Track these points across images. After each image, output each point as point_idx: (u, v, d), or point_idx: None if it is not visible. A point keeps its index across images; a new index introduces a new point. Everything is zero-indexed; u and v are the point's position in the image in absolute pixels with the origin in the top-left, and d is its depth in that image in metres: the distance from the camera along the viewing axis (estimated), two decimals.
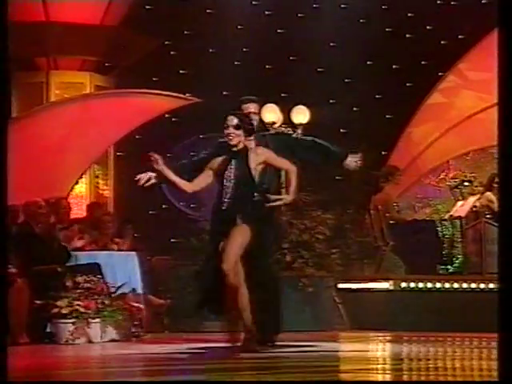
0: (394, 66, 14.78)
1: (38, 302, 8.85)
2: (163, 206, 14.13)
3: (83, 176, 13.11)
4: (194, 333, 10.17)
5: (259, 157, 7.35)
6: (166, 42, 14.03)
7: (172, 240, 12.84)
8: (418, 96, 13.91)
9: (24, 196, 9.95)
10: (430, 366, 6.23)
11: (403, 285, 10.34)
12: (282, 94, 13.21)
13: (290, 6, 13.96)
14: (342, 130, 14.24)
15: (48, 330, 8.90)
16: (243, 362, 6.45)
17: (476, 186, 12.30)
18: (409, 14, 14.78)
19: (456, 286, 10.29)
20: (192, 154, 14.24)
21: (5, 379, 4.37)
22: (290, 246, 10.70)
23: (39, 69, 13.67)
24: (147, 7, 13.86)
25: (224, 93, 14.11)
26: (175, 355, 7.22)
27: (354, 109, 14.62)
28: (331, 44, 13.51)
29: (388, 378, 5.54)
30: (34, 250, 9.28)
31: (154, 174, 7.58)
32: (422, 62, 14.68)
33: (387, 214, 11.27)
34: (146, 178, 7.63)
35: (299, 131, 11.82)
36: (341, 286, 10.69)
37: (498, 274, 4.66)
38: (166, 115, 13.40)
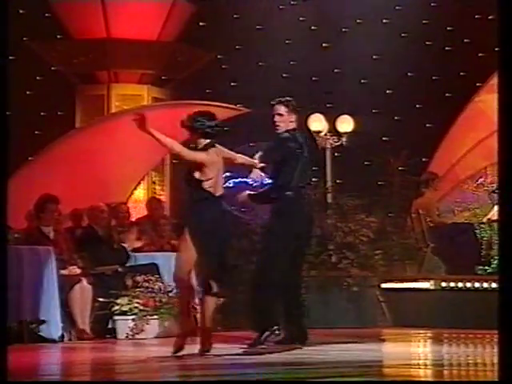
0: (433, 77, 14.70)
1: (100, 299, 8.94)
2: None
3: (141, 182, 13.21)
4: (244, 330, 10.19)
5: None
6: (219, 56, 14.10)
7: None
8: (457, 106, 13.82)
9: (88, 201, 10.07)
10: (470, 362, 6.19)
11: (443, 284, 10.27)
12: (328, 105, 13.20)
13: (334, 21, 13.95)
14: (384, 138, 14.19)
15: (109, 326, 8.98)
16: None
17: None
18: (448, 28, 14.70)
19: (494, 285, 10.21)
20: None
21: (5, 379, 4.28)
22: (335, 247, 10.68)
23: (100, 82, 13.81)
24: (201, 23, 13.94)
25: (272, 103, 14.13)
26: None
27: (396, 118, 14.56)
28: (374, 57, 13.48)
29: (428, 373, 5.51)
30: (97, 252, 9.38)
31: None
32: (461, 74, 14.59)
33: (428, 218, 11.19)
34: None
35: (344, 139, 11.81)
36: (384, 285, 10.64)
37: (498, 274, 4.59)
38: None
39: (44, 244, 8.73)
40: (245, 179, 14.19)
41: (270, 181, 7.63)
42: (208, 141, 7.19)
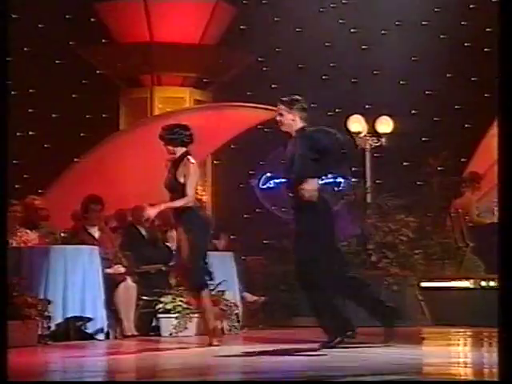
0: (472, 79, 14.58)
1: (144, 298, 8.97)
2: (256, 210, 14.20)
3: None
4: (285, 328, 10.19)
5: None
6: (260, 59, 14.11)
7: (264, 241, 12.89)
8: (496, 106, 13.69)
9: (132, 201, 10.12)
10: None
11: (483, 283, 10.17)
12: (367, 106, 13.15)
13: (374, 23, 13.89)
14: (423, 139, 14.11)
15: (153, 324, 9.01)
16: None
17: None
18: (486, 29, 14.58)
19: None
20: (282, 162, 14.37)
21: (5, 379, 4.26)
22: (375, 246, 10.64)
23: (144, 85, 13.90)
24: (242, 27, 13.96)
25: (312, 105, 14.09)
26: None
27: (435, 119, 14.46)
28: (413, 58, 13.40)
29: (468, 371, 5.46)
30: (141, 251, 9.42)
31: None
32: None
33: (467, 217, 11.10)
34: None
35: (383, 140, 11.76)
36: (423, 284, 10.57)
37: (498, 274, 4.53)
38: (259, 126, 13.46)
39: (90, 243, 8.79)
40: (285, 179, 14.21)
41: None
42: (184, 149, 7.49)
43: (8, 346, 4.55)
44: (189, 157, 7.46)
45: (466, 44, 14.59)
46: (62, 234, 9.10)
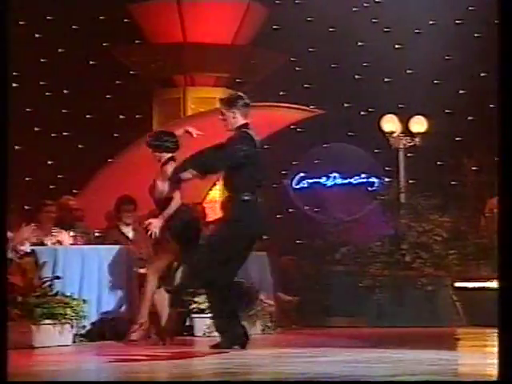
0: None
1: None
2: (289, 210, 14.18)
3: (216, 183, 13.27)
4: (319, 328, 10.17)
5: None
6: (292, 59, 14.08)
7: (297, 241, 12.87)
8: None
9: None
10: None
11: None
12: (400, 105, 13.08)
13: (407, 22, 13.81)
14: (457, 139, 14.00)
15: (187, 323, 9.01)
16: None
17: None
18: None
19: None
20: (316, 162, 14.36)
21: (5, 379, 4.26)
22: (409, 247, 10.59)
23: (177, 85, 13.92)
24: (275, 27, 13.94)
25: (345, 105, 14.07)
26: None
27: (469, 118, 14.35)
28: (446, 57, 13.31)
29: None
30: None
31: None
32: None
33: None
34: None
35: (417, 140, 11.68)
36: (458, 284, 10.50)
37: (498, 274, 4.48)
38: (292, 126, 13.44)
39: (123, 243, 8.82)
40: (318, 179, 14.19)
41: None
42: (170, 155, 7.71)
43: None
44: (172, 162, 7.63)
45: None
46: (96, 234, 9.14)
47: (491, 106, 14.44)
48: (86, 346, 7.65)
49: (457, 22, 14.22)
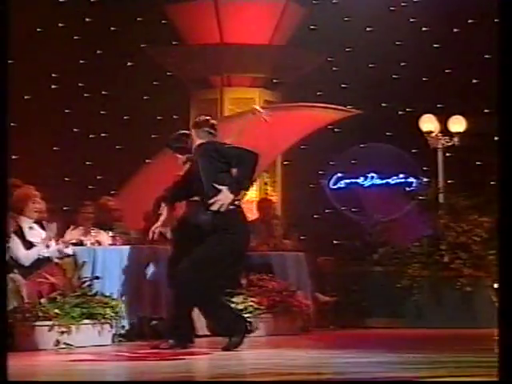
0: None
1: None
2: (326, 211, 14.14)
3: (253, 183, 13.27)
4: (356, 328, 10.14)
5: None
6: (329, 59, 14.04)
7: (335, 242, 12.83)
8: None
9: None
10: None
11: None
12: (439, 105, 12.98)
13: (445, 21, 13.70)
14: (497, 138, 13.84)
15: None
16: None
17: None
18: None
19: None
20: (353, 162, 14.30)
21: (5, 379, 4.27)
22: (447, 247, 10.52)
23: (214, 86, 13.93)
24: (312, 27, 13.91)
25: (383, 104, 14.00)
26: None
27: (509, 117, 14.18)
28: (486, 56, 13.19)
29: None
30: None
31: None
32: None
33: None
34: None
35: (456, 139, 11.59)
36: (497, 285, 10.39)
37: (498, 274, 4.44)
38: (329, 126, 13.39)
39: (162, 243, 8.84)
40: (356, 180, 14.14)
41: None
42: (188, 155, 7.71)
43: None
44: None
45: None
46: (135, 235, 9.18)
47: None
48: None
49: (496, 20, 14.08)
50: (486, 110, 13.64)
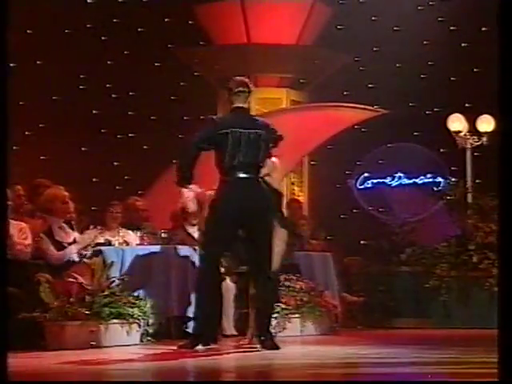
0: None
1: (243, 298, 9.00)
2: (353, 211, 14.12)
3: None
4: (384, 329, 10.11)
5: None
6: (356, 59, 14.01)
7: (362, 242, 12.80)
8: None
9: None
10: None
11: None
12: (467, 104, 12.92)
13: (474, 21, 13.64)
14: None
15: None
16: None
17: None
18: None
19: None
20: (380, 162, 14.27)
21: (5, 379, 4.28)
22: (476, 247, 10.47)
23: None
24: (339, 27, 13.89)
25: (410, 104, 13.95)
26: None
27: None
28: None
29: None
30: (240, 251, 9.44)
31: None
32: None
33: None
34: None
35: (484, 139, 11.53)
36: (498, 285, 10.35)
37: (498, 274, 4.41)
38: (356, 126, 13.37)
39: (189, 243, 8.87)
40: (383, 179, 14.11)
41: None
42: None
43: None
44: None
45: None
46: (163, 235, 9.21)
47: None
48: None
49: None
50: None
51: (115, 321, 7.46)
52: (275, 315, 8.74)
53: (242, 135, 6.94)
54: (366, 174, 14.12)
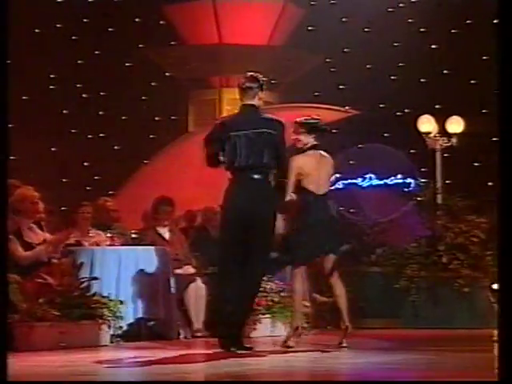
0: None
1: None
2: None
3: None
4: (354, 329, 10.12)
5: None
6: (327, 59, 14.05)
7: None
8: None
9: (201, 202, 10.18)
10: None
11: None
12: (437, 106, 13.00)
13: (443, 23, 13.72)
14: (494, 139, 13.87)
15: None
16: None
17: None
18: None
19: None
20: (351, 163, 14.30)
21: (5, 379, 4.27)
22: (445, 248, 10.53)
23: (212, 87, 13.97)
24: (310, 28, 13.92)
25: (380, 105, 14.01)
26: None
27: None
28: (484, 58, 13.21)
29: None
30: (211, 252, 9.44)
31: None
32: None
33: None
34: None
35: (454, 140, 11.60)
36: (495, 286, 10.41)
37: (498, 274, 4.46)
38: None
39: (160, 244, 8.86)
40: (353, 180, 14.14)
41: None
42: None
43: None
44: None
45: None
46: (133, 235, 9.19)
47: None
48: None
49: (494, 21, 14.10)
50: (483, 111, 13.67)
51: (85, 321, 7.42)
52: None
53: (246, 136, 6.76)
54: (336, 175, 14.14)
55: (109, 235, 8.84)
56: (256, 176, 6.78)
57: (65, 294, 7.40)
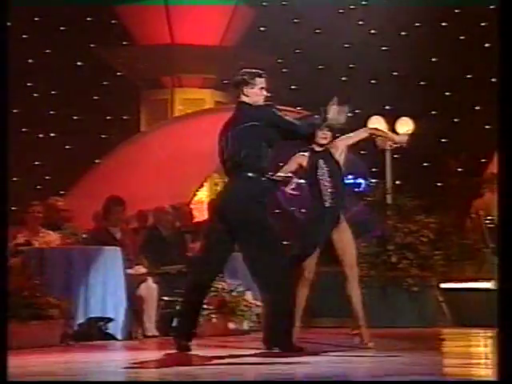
0: (492, 80, 14.52)
1: (165, 298, 9.00)
2: (275, 211, 14.18)
3: (204, 184, 13.29)
4: (304, 328, 10.17)
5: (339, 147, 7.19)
6: (279, 60, 14.12)
7: (283, 242, 12.87)
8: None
9: (152, 202, 10.16)
10: None
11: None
12: (387, 107, 13.13)
13: (393, 25, 13.88)
14: (443, 140, 14.07)
15: (174, 324, 9.01)
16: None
17: None
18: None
19: None
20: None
21: (5, 379, 4.26)
22: (395, 247, 10.62)
23: (164, 87, 13.96)
24: (262, 28, 13.98)
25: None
26: None
27: (455, 120, 14.41)
28: (432, 59, 13.38)
29: (490, 372, 5.44)
30: (162, 252, 9.45)
31: None
32: None
33: (487, 218, 11.07)
34: None
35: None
36: (443, 285, 10.55)
37: (497, 274, 4.51)
38: None
39: (111, 244, 8.83)
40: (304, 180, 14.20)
41: None
42: None
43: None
44: None
45: (486, 45, 14.53)
46: (84, 235, 9.15)
47: (476, 107, 14.55)
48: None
49: (443, 24, 14.28)
50: (432, 112, 13.86)
51: (35, 322, 7.38)
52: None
53: (233, 132, 6.59)
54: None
55: (59, 235, 8.79)
56: (249, 174, 6.69)
57: (14, 294, 7.34)
